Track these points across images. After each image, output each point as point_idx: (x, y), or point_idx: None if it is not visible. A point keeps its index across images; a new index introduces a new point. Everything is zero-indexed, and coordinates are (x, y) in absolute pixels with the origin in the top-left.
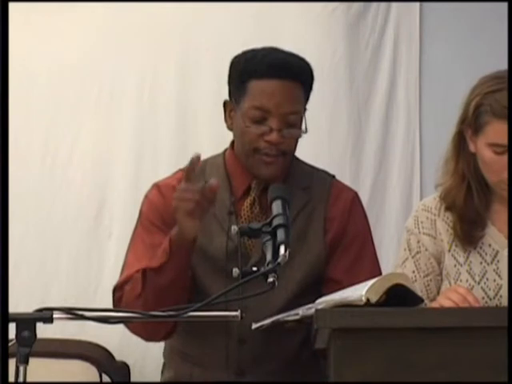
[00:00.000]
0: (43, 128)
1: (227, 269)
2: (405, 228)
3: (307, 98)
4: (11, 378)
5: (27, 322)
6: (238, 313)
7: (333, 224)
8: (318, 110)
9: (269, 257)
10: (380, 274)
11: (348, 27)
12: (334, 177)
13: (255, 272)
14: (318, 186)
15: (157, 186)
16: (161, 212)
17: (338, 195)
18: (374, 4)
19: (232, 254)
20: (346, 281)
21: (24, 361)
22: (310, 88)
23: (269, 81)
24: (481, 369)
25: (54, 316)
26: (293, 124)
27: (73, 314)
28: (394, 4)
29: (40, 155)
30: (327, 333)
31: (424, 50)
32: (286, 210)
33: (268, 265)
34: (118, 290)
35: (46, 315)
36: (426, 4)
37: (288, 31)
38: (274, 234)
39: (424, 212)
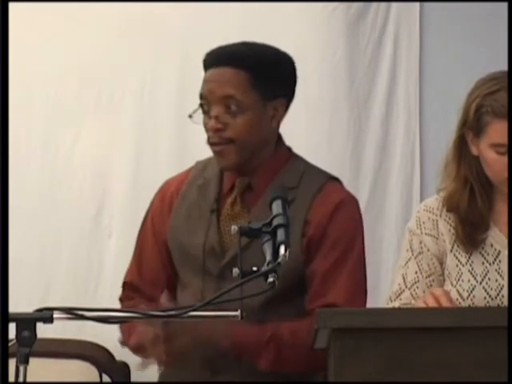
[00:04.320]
0: (43, 128)
1: (204, 266)
2: (407, 229)
3: (266, 88)
4: (11, 378)
5: (27, 322)
6: (237, 313)
7: (311, 227)
8: (317, 109)
9: (269, 257)
10: (358, 285)
11: (348, 27)
12: (334, 179)
13: (255, 272)
14: (306, 187)
15: (161, 188)
16: (155, 220)
17: (325, 198)
18: (374, 4)
19: (210, 251)
20: (321, 288)
21: (24, 361)
22: (267, 77)
23: (210, 69)
24: (481, 369)
25: (54, 316)
26: (234, 110)
27: (73, 313)
28: (393, 4)
29: (40, 155)
30: (327, 333)
31: (424, 50)
32: (285, 210)
33: (268, 265)
34: (122, 291)
35: (46, 315)
36: (426, 4)
37: (288, 31)
38: (273, 234)
39: (426, 212)
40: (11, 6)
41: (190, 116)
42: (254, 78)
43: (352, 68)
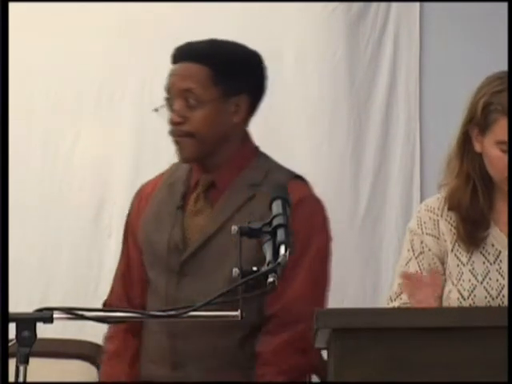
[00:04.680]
0: (43, 128)
1: (167, 262)
2: (408, 229)
3: (227, 84)
4: (11, 378)
5: (27, 322)
6: (237, 312)
7: None
8: (317, 109)
9: (269, 257)
10: (316, 282)
11: (348, 27)
12: (298, 178)
13: (255, 272)
14: (268, 185)
15: (137, 191)
16: (132, 222)
17: None
18: (374, 4)
19: (173, 248)
20: (279, 290)
21: (24, 361)
22: (229, 73)
23: (174, 65)
24: (481, 369)
25: (54, 316)
26: (193, 104)
27: (73, 313)
28: (393, 4)
29: (40, 155)
30: (327, 333)
31: (424, 50)
32: (286, 210)
33: (268, 265)
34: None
35: (46, 315)
36: (425, 4)
37: (288, 31)
38: (273, 234)
39: (427, 212)
40: (11, 6)
41: (156, 110)
42: (214, 74)
43: (352, 68)
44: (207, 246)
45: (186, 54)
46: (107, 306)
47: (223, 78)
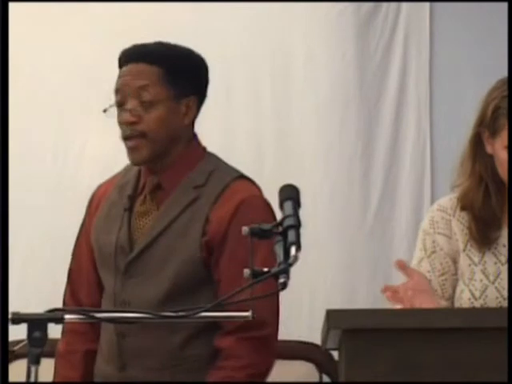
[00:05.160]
0: (53, 130)
1: (115, 264)
2: (420, 228)
3: (178, 85)
4: (20, 379)
5: (38, 323)
6: (249, 313)
7: (212, 226)
8: (328, 110)
9: (280, 258)
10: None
11: (357, 28)
12: (242, 177)
13: (266, 273)
14: (212, 186)
15: (93, 192)
16: (86, 224)
17: (229, 197)
18: (384, 4)
19: (120, 249)
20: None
21: (35, 361)
22: (180, 73)
23: (123, 67)
24: (491, 369)
25: (66, 316)
26: (147, 103)
27: (84, 314)
28: (403, 4)
29: (50, 157)
30: (338, 333)
31: (434, 51)
32: (296, 211)
33: (279, 265)
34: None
35: (57, 316)
36: (436, 4)
37: (297, 32)
38: (284, 235)
39: (439, 212)
40: (21, 7)
41: (105, 110)
42: (166, 74)
43: (362, 69)
44: (152, 247)
45: (136, 55)
46: (64, 305)
47: (175, 79)
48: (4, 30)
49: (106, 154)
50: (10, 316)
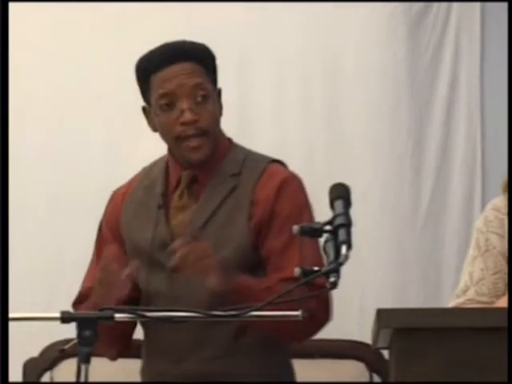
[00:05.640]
0: (105, 128)
1: (154, 259)
2: (474, 227)
3: (214, 80)
4: (70, 378)
5: (88, 321)
6: (299, 312)
7: (258, 207)
8: (378, 110)
9: (331, 256)
10: (315, 256)
11: (408, 28)
12: (276, 161)
13: (316, 272)
14: (248, 172)
15: (112, 193)
16: (110, 222)
17: (268, 179)
18: (435, 4)
19: (160, 244)
20: (278, 264)
21: (85, 360)
22: (213, 68)
23: (165, 69)
24: None
25: (116, 315)
26: (202, 101)
27: (134, 313)
28: (454, 4)
29: (102, 155)
30: (389, 333)
31: (485, 50)
32: (347, 210)
33: (330, 264)
34: (74, 306)
35: (107, 314)
36: (487, 4)
37: (348, 32)
38: (335, 234)
39: (493, 211)
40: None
41: (144, 109)
42: (205, 70)
43: (412, 68)
44: (197, 239)
45: (180, 54)
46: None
47: (210, 74)
48: (4, 30)
49: (157, 155)
50: (59, 315)
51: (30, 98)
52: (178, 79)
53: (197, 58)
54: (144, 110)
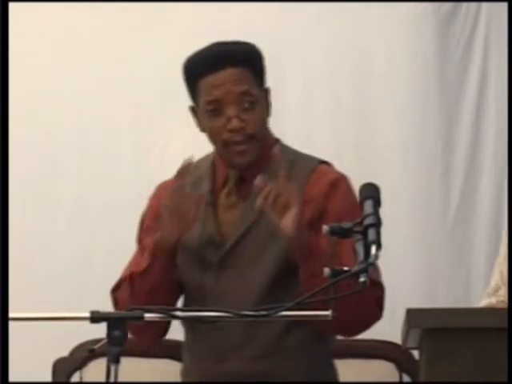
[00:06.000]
0: (134, 132)
1: (202, 256)
2: (504, 227)
3: (261, 80)
4: (100, 378)
5: (118, 321)
6: (329, 312)
7: (308, 206)
8: (408, 110)
9: (360, 256)
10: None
11: (438, 27)
12: (324, 163)
13: (346, 272)
14: (298, 172)
15: (156, 187)
16: (156, 214)
17: (317, 179)
18: (464, 4)
19: (208, 242)
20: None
21: (115, 360)
22: (261, 70)
23: (213, 74)
24: None
25: (146, 315)
26: (248, 107)
27: (165, 313)
28: (484, 4)
29: (132, 157)
30: (418, 333)
31: None
32: (377, 210)
33: (359, 264)
34: (112, 292)
35: (137, 314)
36: None
37: (378, 32)
38: (365, 234)
39: None
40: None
41: (193, 108)
42: (253, 74)
43: (442, 68)
44: (246, 238)
45: (226, 59)
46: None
47: (258, 76)
48: (4, 30)
49: (188, 153)
50: (89, 315)
51: (63, 97)
52: (225, 86)
53: (244, 63)
54: (193, 109)
